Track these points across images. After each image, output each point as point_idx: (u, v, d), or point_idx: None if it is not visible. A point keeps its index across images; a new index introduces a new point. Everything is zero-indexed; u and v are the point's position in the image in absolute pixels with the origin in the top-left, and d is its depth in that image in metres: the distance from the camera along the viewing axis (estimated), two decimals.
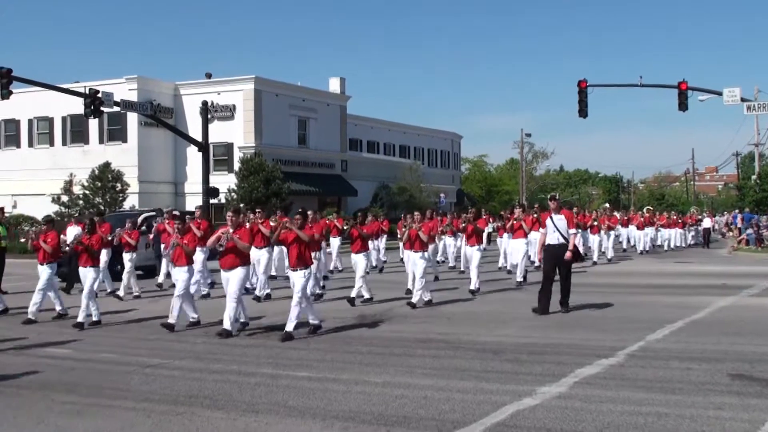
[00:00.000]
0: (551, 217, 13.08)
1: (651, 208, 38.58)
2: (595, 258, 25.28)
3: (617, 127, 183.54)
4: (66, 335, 11.67)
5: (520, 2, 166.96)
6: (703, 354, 9.39)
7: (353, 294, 14.84)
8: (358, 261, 15.36)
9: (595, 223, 25.73)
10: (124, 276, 17.18)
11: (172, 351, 10.23)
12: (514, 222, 19.38)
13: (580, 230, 21.85)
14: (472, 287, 16.40)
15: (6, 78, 25.53)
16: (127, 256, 17.15)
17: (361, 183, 49.65)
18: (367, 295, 15.14)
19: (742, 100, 31.16)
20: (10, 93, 26.11)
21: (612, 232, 27.70)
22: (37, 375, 8.77)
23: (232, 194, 38.67)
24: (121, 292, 16.80)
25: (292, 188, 41.43)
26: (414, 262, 14.84)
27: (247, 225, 13.24)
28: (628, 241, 32.78)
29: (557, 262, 13.02)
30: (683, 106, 30.27)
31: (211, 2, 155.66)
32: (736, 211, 46.17)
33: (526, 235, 19.01)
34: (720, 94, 31.22)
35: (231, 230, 11.54)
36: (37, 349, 10.60)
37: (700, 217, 41.88)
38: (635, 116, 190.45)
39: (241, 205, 35.19)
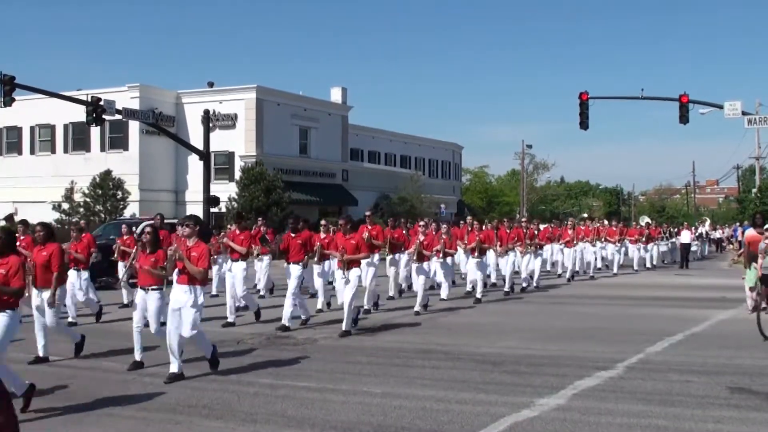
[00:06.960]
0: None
1: (650, 221, 38.13)
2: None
3: (618, 140, 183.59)
4: (64, 343, 11.60)
5: (522, 13, 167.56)
6: (703, 367, 9.39)
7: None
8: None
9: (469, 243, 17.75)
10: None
11: None
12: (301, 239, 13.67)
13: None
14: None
15: (9, 85, 25.60)
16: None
17: (361, 193, 49.68)
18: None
19: (743, 113, 31.18)
20: (13, 100, 26.18)
21: (513, 253, 19.25)
22: (36, 383, 8.74)
23: (233, 203, 38.71)
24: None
25: (293, 197, 41.47)
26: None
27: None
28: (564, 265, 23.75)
29: None
30: (684, 119, 30.30)
31: (213, 11, 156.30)
32: (737, 224, 46.17)
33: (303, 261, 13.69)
34: (721, 107, 31.25)
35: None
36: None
37: (680, 229, 35.18)
38: (636, 129, 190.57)
39: (243, 213, 35.24)
